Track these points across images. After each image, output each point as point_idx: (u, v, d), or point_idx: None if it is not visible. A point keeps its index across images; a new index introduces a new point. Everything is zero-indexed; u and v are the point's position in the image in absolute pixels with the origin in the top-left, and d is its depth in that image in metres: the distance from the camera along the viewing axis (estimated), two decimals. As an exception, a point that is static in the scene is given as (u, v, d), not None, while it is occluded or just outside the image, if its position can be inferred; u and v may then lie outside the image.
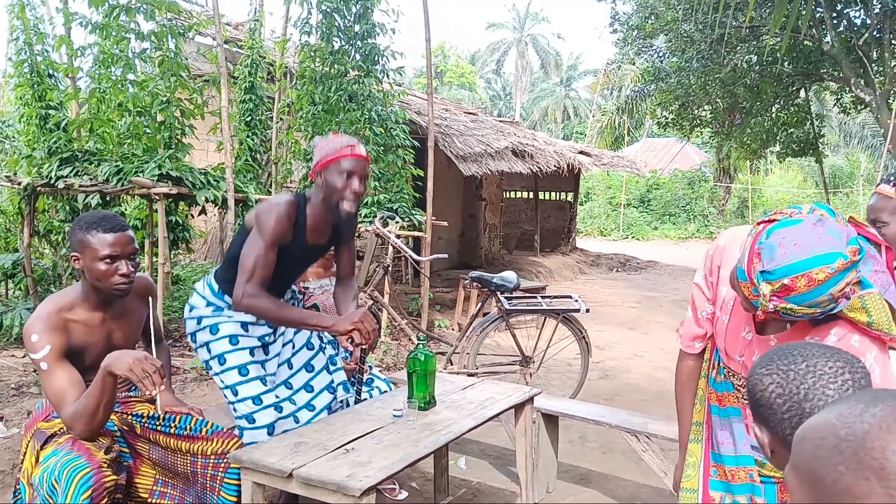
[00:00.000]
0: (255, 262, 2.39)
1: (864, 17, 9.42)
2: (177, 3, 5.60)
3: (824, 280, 1.38)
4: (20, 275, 5.90)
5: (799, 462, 0.79)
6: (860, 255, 1.40)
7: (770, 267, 1.44)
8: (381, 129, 6.53)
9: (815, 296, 1.40)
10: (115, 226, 2.13)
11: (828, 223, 1.44)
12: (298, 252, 2.57)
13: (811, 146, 11.56)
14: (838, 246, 1.38)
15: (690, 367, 1.94)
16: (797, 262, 1.39)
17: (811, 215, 1.50)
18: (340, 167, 2.42)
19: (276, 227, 2.40)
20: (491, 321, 4.45)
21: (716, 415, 1.85)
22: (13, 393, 4.27)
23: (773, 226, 1.50)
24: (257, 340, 2.64)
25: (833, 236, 1.40)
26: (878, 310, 1.46)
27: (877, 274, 1.57)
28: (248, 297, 2.37)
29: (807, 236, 1.41)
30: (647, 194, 23.61)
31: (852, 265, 1.39)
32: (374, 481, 1.85)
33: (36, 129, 5.90)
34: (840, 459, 0.72)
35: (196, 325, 2.62)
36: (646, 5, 10.57)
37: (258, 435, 2.53)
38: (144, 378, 1.95)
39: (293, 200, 2.49)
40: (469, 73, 42.35)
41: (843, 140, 24.36)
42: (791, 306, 1.44)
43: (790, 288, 1.41)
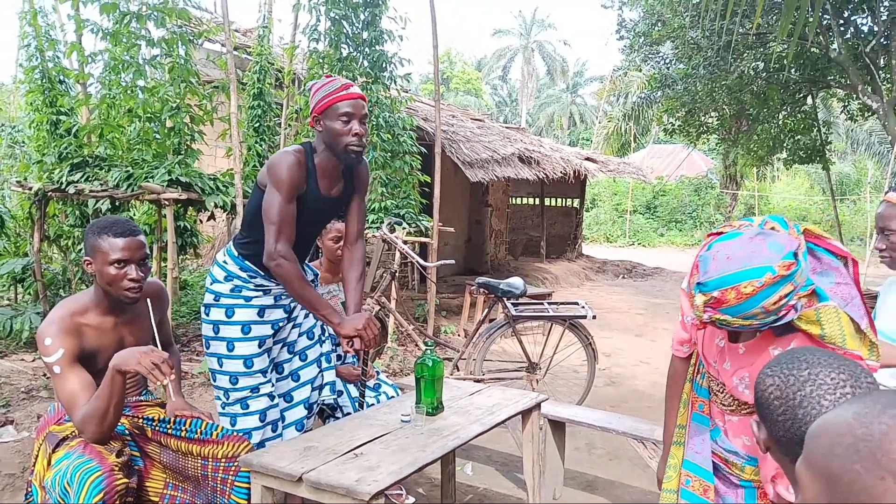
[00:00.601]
0: (280, 215, 2.34)
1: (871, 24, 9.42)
2: (187, 10, 5.66)
3: (753, 293, 1.42)
4: (30, 279, 5.94)
5: (813, 458, 0.79)
6: (793, 270, 1.43)
7: (704, 279, 1.50)
8: (388, 136, 6.57)
9: (745, 308, 1.45)
10: (126, 231, 2.15)
11: (771, 237, 1.49)
12: (315, 205, 2.50)
13: (818, 153, 11.54)
14: (771, 260, 1.42)
15: (677, 369, 1.99)
16: (728, 276, 1.44)
17: (752, 229, 1.55)
18: (338, 111, 2.36)
19: (290, 175, 2.35)
20: (497, 327, 4.46)
21: (695, 421, 1.89)
22: (23, 397, 4.30)
23: (716, 239, 1.56)
24: (270, 328, 2.60)
25: (771, 250, 1.44)
26: (832, 323, 1.49)
27: (839, 286, 1.59)
28: (279, 258, 2.33)
29: (741, 250, 1.47)
30: (654, 201, 23.58)
31: (783, 279, 1.42)
32: (382, 485, 1.87)
33: (47, 135, 5.95)
34: (857, 458, 0.72)
35: (212, 300, 2.57)
36: (652, 12, 10.59)
37: (251, 422, 2.55)
38: (153, 370, 1.98)
39: (301, 148, 2.45)
40: (475, 80, 42.43)
41: (851, 147, 24.30)
42: (725, 318, 1.49)
43: (721, 300, 1.46)
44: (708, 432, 1.85)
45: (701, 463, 1.84)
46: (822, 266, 1.63)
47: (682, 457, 1.92)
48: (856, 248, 18.07)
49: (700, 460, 1.84)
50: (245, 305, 2.55)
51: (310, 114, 2.48)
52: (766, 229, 1.56)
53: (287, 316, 2.68)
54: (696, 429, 1.87)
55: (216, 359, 2.57)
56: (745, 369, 1.68)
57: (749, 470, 1.77)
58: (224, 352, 2.55)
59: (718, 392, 1.81)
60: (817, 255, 1.65)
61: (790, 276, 1.43)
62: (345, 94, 2.38)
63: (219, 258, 2.63)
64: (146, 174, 5.17)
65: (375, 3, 6.42)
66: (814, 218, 22.83)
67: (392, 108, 6.71)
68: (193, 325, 6.19)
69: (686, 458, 1.88)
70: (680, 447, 1.93)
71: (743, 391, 1.70)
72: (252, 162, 6.77)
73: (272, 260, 2.35)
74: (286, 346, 2.72)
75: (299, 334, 2.75)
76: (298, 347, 2.76)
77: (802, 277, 1.48)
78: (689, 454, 1.87)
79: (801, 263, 1.46)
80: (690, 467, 1.86)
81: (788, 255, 1.44)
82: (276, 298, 2.61)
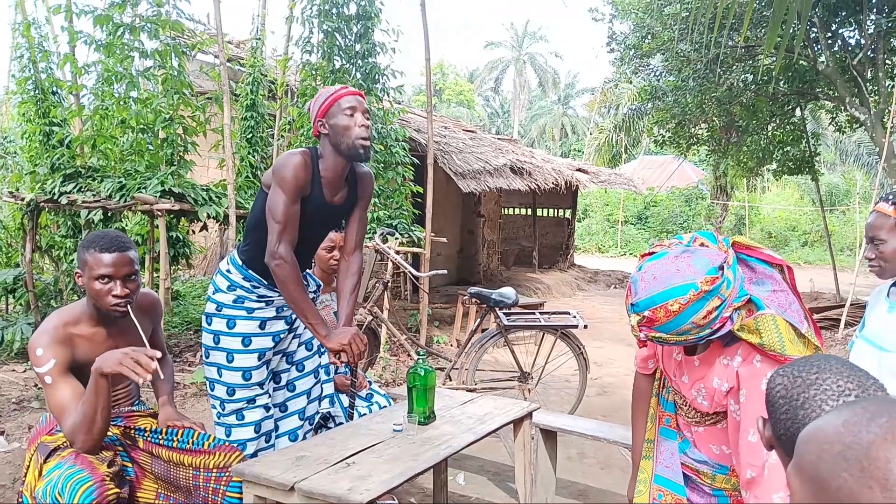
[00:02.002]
0: (284, 215, 2.35)
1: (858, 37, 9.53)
2: (180, 22, 5.69)
3: (680, 311, 1.47)
4: (21, 290, 5.92)
5: (803, 463, 0.80)
6: (717, 284, 1.47)
7: (635, 300, 1.55)
8: (381, 147, 6.60)
9: (676, 325, 1.50)
10: (114, 246, 2.14)
11: (697, 253, 1.53)
12: (317, 210, 2.50)
13: (807, 164, 11.63)
14: (693, 277, 1.47)
15: (642, 386, 2.02)
16: (655, 295, 1.49)
17: (678, 247, 1.59)
18: (341, 106, 2.41)
19: (295, 175, 2.36)
20: (490, 337, 4.48)
21: (662, 436, 1.91)
22: (14, 407, 4.28)
23: (647, 259, 1.59)
24: (271, 340, 2.60)
25: (695, 266, 1.49)
26: (769, 331, 1.52)
27: (775, 293, 1.61)
28: (279, 258, 2.34)
29: (665, 269, 1.51)
30: (645, 211, 23.69)
31: (707, 294, 1.47)
32: (374, 494, 1.88)
33: (39, 146, 5.95)
34: (845, 466, 0.73)
35: (215, 310, 2.57)
36: (642, 25, 10.68)
37: (245, 433, 2.55)
38: (136, 367, 1.97)
39: (307, 150, 2.47)
40: (468, 91, 42.61)
41: (840, 158, 24.51)
42: (660, 335, 1.54)
43: (652, 319, 1.51)
44: (676, 445, 1.86)
45: (671, 477, 1.86)
46: (757, 276, 1.66)
47: (652, 471, 1.93)
48: (845, 259, 18.21)
49: (670, 474, 1.86)
50: (247, 318, 2.55)
51: (313, 122, 2.50)
52: (694, 246, 1.60)
53: (289, 327, 2.68)
54: (664, 443, 1.89)
55: (215, 368, 2.57)
56: (701, 381, 1.70)
57: (720, 478, 1.79)
58: (223, 362, 2.55)
59: (682, 405, 1.83)
60: (751, 266, 1.68)
61: (714, 290, 1.47)
62: (345, 91, 2.45)
63: (222, 267, 2.63)
64: (139, 185, 5.17)
65: (368, 15, 6.48)
66: (804, 228, 23.00)
67: (385, 119, 6.74)
68: (186, 336, 6.18)
69: (657, 473, 1.90)
70: (650, 461, 1.95)
71: (701, 402, 1.72)
72: (245, 173, 6.79)
73: (273, 259, 2.36)
74: (285, 356, 2.73)
75: (298, 344, 2.76)
76: (297, 358, 2.76)
77: (732, 290, 1.52)
78: (660, 469, 1.88)
79: (725, 277, 1.50)
80: (661, 482, 1.88)
81: (712, 271, 1.48)
82: (277, 310, 2.61)
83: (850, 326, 7.93)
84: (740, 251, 1.67)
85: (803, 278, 14.51)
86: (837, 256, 13.36)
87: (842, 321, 8.12)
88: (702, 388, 1.71)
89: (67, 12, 5.45)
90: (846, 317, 8.05)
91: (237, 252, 2.64)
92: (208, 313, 2.59)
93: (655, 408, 1.96)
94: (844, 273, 13.06)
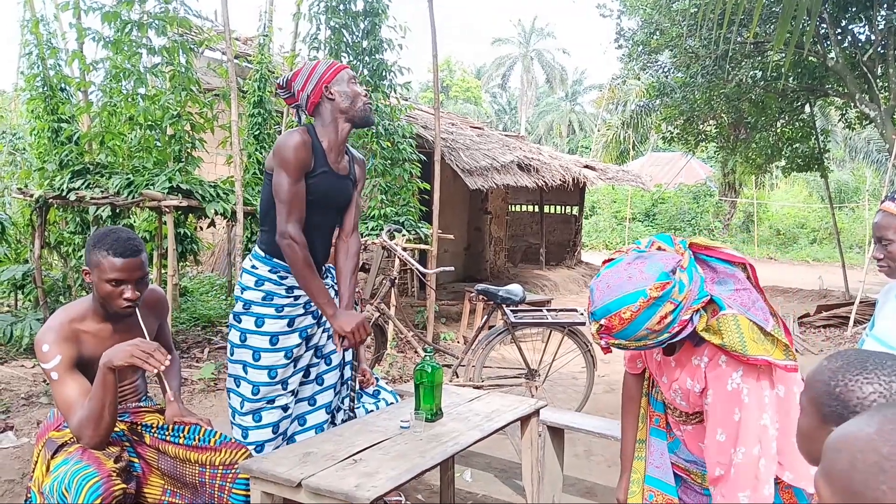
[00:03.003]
0: (289, 194, 2.40)
1: (868, 33, 9.47)
2: (188, 19, 5.70)
3: (632, 319, 1.49)
4: (30, 286, 5.95)
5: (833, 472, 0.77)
6: (668, 290, 1.49)
7: (592, 308, 1.58)
8: (388, 143, 6.59)
9: (631, 332, 1.52)
10: (127, 250, 2.13)
11: (651, 258, 1.55)
12: (327, 181, 2.54)
13: (816, 161, 11.57)
14: (644, 284, 1.49)
15: (631, 385, 2.01)
16: (608, 304, 1.52)
17: (631, 254, 1.61)
18: (345, 77, 2.53)
19: (295, 155, 2.40)
20: (496, 334, 4.47)
21: (653, 436, 1.91)
22: (23, 403, 4.30)
23: (605, 266, 1.62)
24: (298, 337, 2.61)
25: (646, 273, 1.50)
26: (730, 331, 1.52)
27: (738, 292, 1.61)
28: (289, 238, 2.40)
29: (617, 277, 1.53)
30: (653, 208, 23.62)
31: (658, 301, 1.48)
32: (381, 491, 1.87)
33: (48, 142, 5.97)
34: (883, 479, 0.71)
35: (243, 308, 2.58)
36: (651, 21, 10.64)
37: (263, 434, 2.55)
38: (148, 359, 1.98)
39: (304, 128, 2.53)
40: (475, 88, 42.58)
41: (849, 155, 24.37)
42: (619, 342, 1.56)
43: (609, 327, 1.53)
44: (666, 445, 1.86)
45: (662, 477, 1.86)
46: (719, 275, 1.66)
47: (643, 471, 1.92)
48: (854, 256, 18.11)
49: (660, 474, 1.86)
50: (275, 316, 2.56)
51: (311, 91, 2.53)
52: (651, 250, 1.61)
53: (316, 321, 2.69)
54: (654, 443, 1.89)
55: (241, 366, 2.58)
56: (677, 381, 1.71)
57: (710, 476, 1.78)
58: (250, 360, 2.56)
59: (669, 405, 1.84)
60: (712, 266, 1.67)
61: (664, 296, 1.49)
62: (342, 65, 2.58)
63: (246, 265, 2.65)
64: (147, 181, 5.18)
65: (375, 12, 6.47)
66: (812, 225, 22.87)
67: (392, 116, 6.73)
68: (193, 332, 6.20)
69: (647, 474, 1.89)
70: (641, 461, 1.94)
71: (680, 403, 1.73)
72: (252, 169, 6.80)
73: (283, 238, 2.40)
74: (316, 350, 2.73)
75: (328, 338, 2.76)
76: (325, 351, 2.77)
77: (688, 292, 1.52)
78: (650, 469, 1.88)
79: (678, 281, 1.51)
80: (652, 482, 1.88)
81: (662, 276, 1.49)
82: (305, 306, 2.62)
83: (860, 324, 7.88)
84: (699, 252, 1.67)
85: (812, 276, 14.46)
86: (847, 254, 13.28)
87: (851, 319, 8.08)
88: (678, 389, 1.72)
89: (76, 9, 5.46)
90: (855, 314, 8.01)
91: (257, 245, 2.65)
92: (236, 312, 2.60)
93: (646, 408, 1.95)
94: (854, 270, 12.99)
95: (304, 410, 2.70)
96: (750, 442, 1.52)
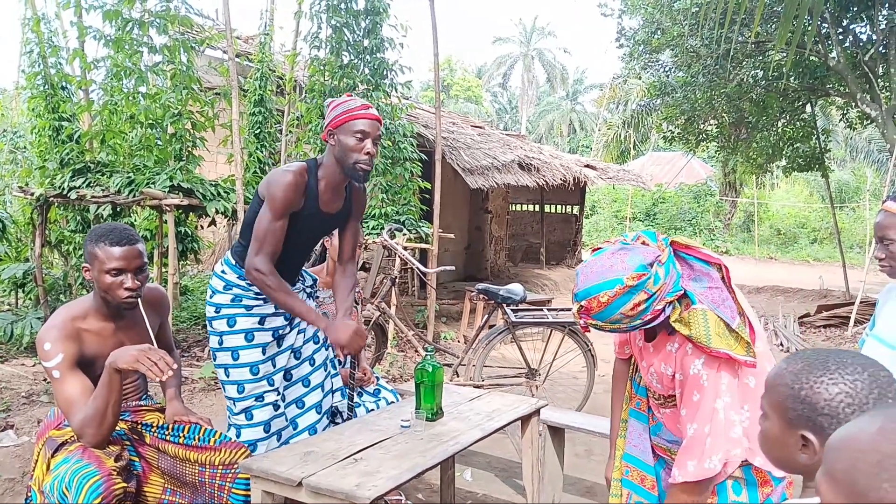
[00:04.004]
0: (265, 233, 2.40)
1: (869, 32, 9.45)
2: (189, 18, 5.69)
3: (609, 303, 1.66)
4: (31, 284, 5.95)
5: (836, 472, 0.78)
6: (643, 280, 1.65)
7: (576, 290, 1.75)
8: (388, 143, 6.59)
9: (607, 315, 1.69)
10: (123, 239, 2.15)
11: (633, 251, 1.71)
12: (312, 221, 2.54)
13: (817, 161, 11.55)
14: (622, 273, 1.65)
15: (619, 369, 2.17)
16: (589, 287, 1.69)
17: (616, 244, 1.78)
18: (354, 127, 2.40)
19: (284, 197, 2.40)
20: (497, 333, 4.47)
21: (632, 417, 2.06)
22: (23, 401, 4.31)
23: (592, 254, 1.78)
24: (271, 336, 2.62)
25: (627, 263, 1.67)
26: (697, 324, 1.68)
27: (710, 290, 1.75)
28: (254, 271, 2.40)
29: (600, 264, 1.70)
30: (653, 208, 23.60)
31: (632, 289, 1.64)
32: (382, 490, 1.87)
33: (49, 141, 5.97)
34: (886, 477, 0.71)
35: (214, 313, 2.60)
36: (652, 20, 10.62)
37: (255, 433, 2.56)
38: (152, 367, 1.99)
39: (303, 167, 2.48)
40: (475, 87, 42.55)
41: (850, 155, 24.34)
42: (596, 322, 1.74)
43: (588, 308, 1.71)
44: (646, 427, 2.01)
45: (639, 455, 2.01)
46: (695, 273, 1.79)
47: (623, 448, 2.07)
48: (855, 256, 18.09)
49: (638, 453, 2.01)
50: (246, 314, 2.57)
51: (324, 127, 2.51)
52: (635, 243, 1.77)
53: (288, 323, 2.69)
54: (633, 424, 2.05)
55: (223, 369, 2.60)
56: (653, 366, 1.88)
57: None
58: (230, 361, 2.57)
59: (650, 389, 1.98)
60: (690, 263, 1.81)
61: (639, 286, 1.65)
62: (364, 113, 2.43)
63: (217, 269, 2.66)
64: (148, 180, 5.19)
65: (376, 10, 6.46)
66: (813, 225, 22.85)
67: (393, 115, 6.73)
68: (194, 331, 6.20)
69: (626, 451, 2.05)
70: (623, 439, 2.09)
71: (657, 386, 1.90)
72: (253, 168, 6.80)
73: (249, 273, 2.42)
74: (293, 352, 2.73)
75: (304, 340, 2.76)
76: (306, 353, 2.77)
77: (663, 285, 1.68)
78: (629, 448, 2.04)
79: (654, 274, 1.67)
80: (630, 459, 2.03)
81: (640, 268, 1.66)
82: (276, 307, 2.62)
83: (860, 324, 7.88)
84: (680, 249, 1.81)
85: (812, 275, 14.45)
86: (847, 254, 13.26)
87: (851, 319, 8.08)
88: (654, 372, 1.88)
89: (77, 8, 5.46)
90: (856, 314, 8.00)
91: (231, 253, 2.67)
92: (210, 317, 2.62)
93: (630, 391, 2.09)
94: (854, 270, 12.98)
95: (294, 414, 2.70)
96: (702, 421, 1.70)
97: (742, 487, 1.79)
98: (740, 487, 1.79)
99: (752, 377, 1.77)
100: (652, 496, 1.98)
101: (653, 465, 1.98)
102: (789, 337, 7.76)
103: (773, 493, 1.79)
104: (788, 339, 7.71)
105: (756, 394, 1.70)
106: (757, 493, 1.79)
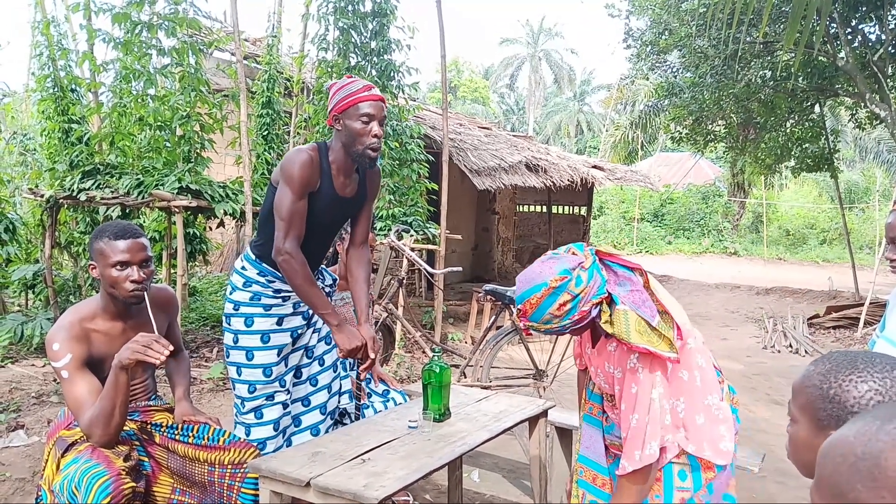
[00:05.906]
0: (290, 214, 2.36)
1: (878, 32, 9.40)
2: (197, 20, 5.72)
3: (537, 304, 1.83)
4: (41, 285, 5.99)
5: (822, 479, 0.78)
6: (564, 283, 1.81)
7: (513, 296, 1.94)
8: (396, 144, 6.60)
9: (538, 316, 1.85)
10: (127, 233, 2.17)
11: (559, 259, 1.88)
12: (329, 203, 2.51)
13: (826, 161, 11.49)
14: (548, 277, 1.82)
15: (581, 378, 2.29)
16: (523, 292, 1.86)
17: (549, 254, 1.94)
18: (359, 111, 2.37)
19: (301, 173, 2.37)
20: (504, 334, 4.47)
21: (585, 422, 2.19)
22: (33, 402, 4.34)
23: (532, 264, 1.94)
24: (289, 336, 2.61)
25: (554, 268, 1.83)
26: (619, 323, 1.83)
27: (632, 293, 1.89)
28: (286, 254, 2.36)
29: (532, 272, 1.88)
30: (661, 209, 23.53)
31: (556, 291, 1.81)
32: (389, 491, 1.88)
33: (58, 143, 6.01)
34: (858, 478, 0.72)
35: (232, 310, 2.58)
36: (659, 21, 10.60)
37: (265, 431, 2.56)
38: (146, 351, 1.99)
39: (315, 146, 2.47)
40: (482, 88, 42.54)
41: (859, 155, 24.20)
42: (532, 324, 1.89)
43: (524, 311, 1.87)
44: (598, 430, 2.14)
45: (591, 456, 2.14)
46: (619, 278, 1.94)
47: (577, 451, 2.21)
48: (864, 257, 17.98)
49: (590, 454, 2.15)
50: (264, 315, 2.56)
51: (328, 112, 2.49)
52: (565, 254, 1.92)
53: (306, 322, 2.69)
54: (586, 428, 2.18)
55: (235, 368, 2.59)
56: (601, 367, 2.01)
57: None
58: (244, 361, 2.56)
59: (604, 393, 2.09)
60: (614, 270, 1.96)
61: (561, 287, 1.81)
62: (367, 94, 2.40)
63: (237, 265, 2.64)
64: (156, 182, 5.21)
65: (384, 12, 6.47)
66: (822, 226, 22.73)
67: (400, 116, 6.74)
68: (203, 332, 6.23)
69: (580, 453, 2.18)
70: (578, 444, 2.22)
71: (604, 385, 2.03)
72: (261, 170, 6.82)
73: (279, 255, 2.38)
74: (306, 350, 2.73)
75: (318, 339, 2.76)
76: (317, 352, 2.76)
77: (586, 288, 1.83)
78: (582, 449, 2.18)
79: (575, 277, 1.83)
80: (583, 461, 2.16)
81: (562, 272, 1.82)
82: (294, 306, 2.62)
83: (870, 325, 7.84)
84: (604, 258, 1.96)
85: (822, 276, 14.37)
86: (856, 254, 13.19)
87: (861, 320, 8.03)
88: (601, 374, 2.02)
89: (86, 10, 5.50)
90: (866, 315, 7.96)
91: (251, 248, 2.65)
92: (227, 314, 2.61)
93: (584, 398, 2.21)
94: (864, 271, 12.90)
95: (298, 411, 2.71)
96: (642, 410, 1.83)
97: (687, 474, 1.91)
98: (685, 474, 1.91)
99: (686, 371, 1.89)
100: (604, 494, 2.11)
101: (607, 466, 2.10)
102: (798, 338, 7.72)
103: (715, 478, 1.90)
104: (798, 340, 7.68)
105: (690, 387, 1.88)
106: (700, 477, 1.90)
